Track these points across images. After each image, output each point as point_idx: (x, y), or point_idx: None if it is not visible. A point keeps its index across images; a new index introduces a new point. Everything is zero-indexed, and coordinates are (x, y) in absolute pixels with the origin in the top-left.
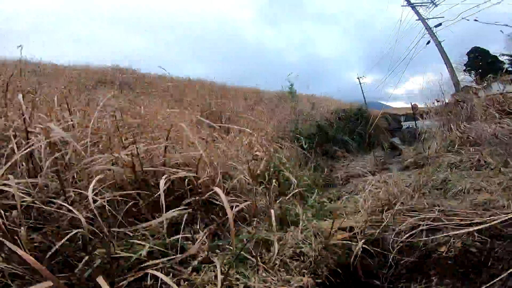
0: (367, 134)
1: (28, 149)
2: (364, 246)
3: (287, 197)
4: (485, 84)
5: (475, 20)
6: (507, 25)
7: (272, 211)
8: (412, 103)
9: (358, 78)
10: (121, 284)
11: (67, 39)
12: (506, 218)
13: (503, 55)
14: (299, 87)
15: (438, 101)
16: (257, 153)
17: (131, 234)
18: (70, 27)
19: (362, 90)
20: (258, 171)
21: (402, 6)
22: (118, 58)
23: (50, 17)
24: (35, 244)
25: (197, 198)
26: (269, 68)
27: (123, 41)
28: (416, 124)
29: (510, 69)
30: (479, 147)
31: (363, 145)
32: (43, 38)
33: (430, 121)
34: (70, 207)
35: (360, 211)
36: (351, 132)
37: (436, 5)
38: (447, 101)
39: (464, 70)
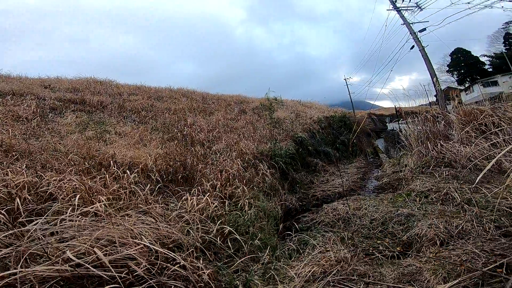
0: (350, 142)
1: None
2: None
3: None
4: (467, 85)
5: None
6: None
7: None
8: (397, 106)
9: (345, 79)
10: None
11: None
12: None
13: (484, 56)
14: (287, 91)
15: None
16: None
17: None
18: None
19: (349, 92)
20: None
21: (387, 10)
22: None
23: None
24: None
25: None
26: (259, 68)
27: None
28: (399, 127)
29: (490, 70)
30: (453, 171)
31: (347, 153)
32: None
33: (412, 126)
34: None
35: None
36: (334, 141)
37: (421, 9)
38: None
39: (447, 71)
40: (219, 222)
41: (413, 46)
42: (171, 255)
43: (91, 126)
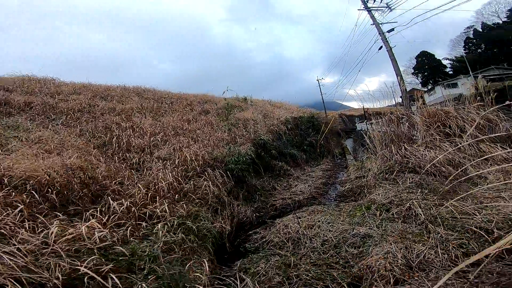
0: (318, 144)
1: None
2: None
3: None
4: (430, 87)
5: None
6: None
7: None
8: (365, 107)
9: (318, 80)
10: None
11: None
12: None
13: (446, 59)
14: (263, 91)
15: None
16: None
17: None
18: None
19: (321, 92)
20: None
21: (358, 10)
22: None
23: None
24: None
25: None
26: (238, 68)
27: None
28: (367, 127)
29: (450, 72)
30: (417, 177)
31: (315, 155)
32: None
33: (376, 127)
34: None
35: None
36: (302, 143)
37: (391, 10)
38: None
39: (413, 73)
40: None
41: (381, 47)
42: None
43: None
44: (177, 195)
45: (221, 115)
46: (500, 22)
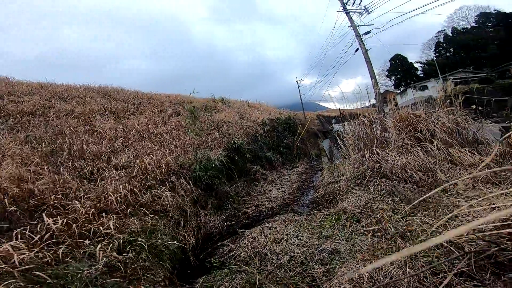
0: (294, 146)
1: None
2: None
3: None
4: (402, 89)
5: None
6: None
7: None
8: (341, 108)
9: (297, 81)
10: None
11: None
12: None
13: (418, 62)
14: (244, 91)
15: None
16: None
17: None
18: None
19: (300, 93)
20: None
21: (337, 11)
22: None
23: None
24: None
25: None
26: (219, 68)
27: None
28: (343, 128)
29: (421, 75)
30: (389, 184)
31: (291, 157)
32: None
33: (350, 129)
34: None
35: None
36: (279, 145)
37: (369, 12)
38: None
39: (386, 75)
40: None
41: (357, 49)
42: None
43: None
44: (130, 209)
45: (191, 117)
46: (469, 27)
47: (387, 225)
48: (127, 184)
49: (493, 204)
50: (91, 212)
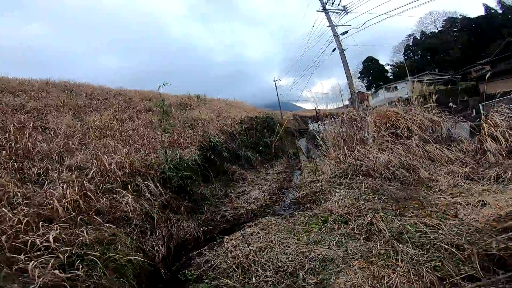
0: (273, 144)
1: None
2: None
3: None
4: (373, 90)
5: None
6: None
7: None
8: (317, 108)
9: (274, 81)
10: None
11: None
12: None
13: (388, 64)
14: (223, 90)
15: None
16: None
17: None
18: None
19: (277, 93)
20: None
21: (317, 11)
22: None
23: None
24: None
25: None
26: (198, 66)
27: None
28: (319, 128)
29: (391, 77)
30: (372, 181)
31: (270, 156)
32: None
33: (330, 127)
34: None
35: None
36: (257, 144)
37: (347, 13)
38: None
39: (359, 77)
40: None
41: (334, 49)
42: None
43: None
44: (81, 217)
45: (169, 113)
46: (436, 31)
47: (380, 226)
48: (78, 188)
49: (480, 200)
50: (25, 221)
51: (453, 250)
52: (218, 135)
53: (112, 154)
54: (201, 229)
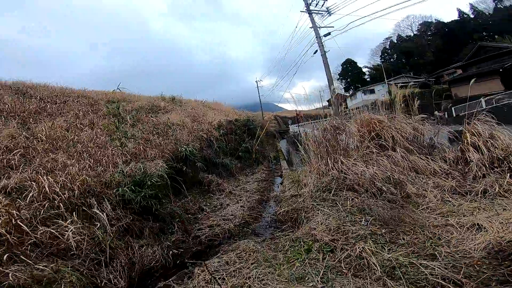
0: (253, 149)
1: None
2: None
3: None
4: (351, 92)
5: None
6: None
7: None
8: (297, 109)
9: (256, 82)
10: None
11: None
12: None
13: (366, 67)
14: (204, 91)
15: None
16: None
17: None
18: None
19: (259, 94)
20: None
21: (301, 11)
22: None
23: None
24: None
25: None
26: (179, 66)
27: None
28: (299, 130)
29: (368, 79)
30: (358, 199)
31: (250, 161)
32: None
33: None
34: None
35: None
36: (237, 149)
37: (330, 14)
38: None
39: (338, 79)
40: None
41: (316, 51)
42: None
43: None
44: (9, 253)
45: (138, 118)
46: (412, 35)
47: (370, 261)
48: (3, 220)
49: (473, 221)
50: None
51: (450, 286)
52: (193, 142)
53: (59, 172)
54: (170, 252)
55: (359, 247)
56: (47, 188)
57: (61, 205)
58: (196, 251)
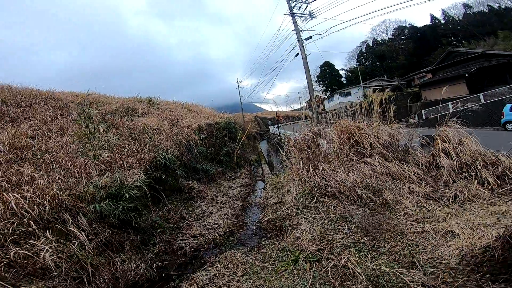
0: (235, 153)
1: None
2: None
3: None
4: (328, 94)
5: None
6: None
7: None
8: (277, 112)
9: (237, 83)
10: None
11: None
12: None
13: (342, 70)
14: (181, 91)
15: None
16: None
17: None
18: None
19: (239, 95)
20: None
21: (284, 14)
22: None
23: None
24: None
25: None
26: (156, 65)
27: None
28: (279, 132)
29: (344, 82)
30: (340, 206)
31: (232, 164)
32: None
33: (291, 133)
34: None
35: None
36: (218, 154)
37: (313, 18)
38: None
39: (316, 81)
40: None
41: (297, 54)
42: None
43: None
44: None
45: (114, 121)
46: (387, 38)
47: (356, 270)
48: None
49: (447, 228)
50: None
51: None
52: (172, 148)
53: (26, 186)
54: (154, 265)
55: (344, 257)
56: (13, 205)
57: (32, 223)
58: (181, 263)
